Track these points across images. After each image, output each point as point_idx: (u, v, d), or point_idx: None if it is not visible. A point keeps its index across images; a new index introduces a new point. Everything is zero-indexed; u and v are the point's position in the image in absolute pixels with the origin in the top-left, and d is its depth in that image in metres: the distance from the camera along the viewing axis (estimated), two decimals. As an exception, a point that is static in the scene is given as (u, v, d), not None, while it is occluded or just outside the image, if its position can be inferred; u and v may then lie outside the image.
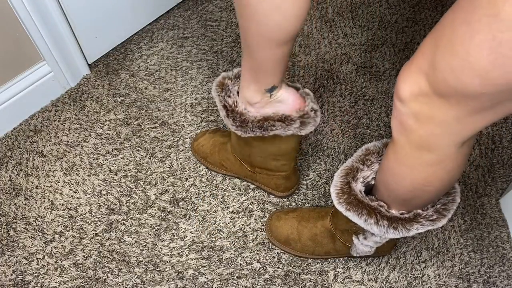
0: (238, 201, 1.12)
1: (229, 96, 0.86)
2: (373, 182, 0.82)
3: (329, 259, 1.05)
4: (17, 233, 1.07)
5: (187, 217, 1.10)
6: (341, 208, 0.80)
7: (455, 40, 0.50)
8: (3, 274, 1.02)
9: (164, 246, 1.06)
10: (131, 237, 1.07)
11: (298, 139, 0.94)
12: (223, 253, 1.06)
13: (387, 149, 0.72)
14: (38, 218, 1.09)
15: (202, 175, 1.15)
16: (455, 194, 0.79)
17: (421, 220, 0.77)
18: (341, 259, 1.05)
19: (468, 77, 0.50)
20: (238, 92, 0.86)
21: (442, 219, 0.78)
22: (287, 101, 0.84)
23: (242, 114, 0.84)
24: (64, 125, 1.22)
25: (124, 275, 1.03)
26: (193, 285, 1.02)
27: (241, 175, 1.12)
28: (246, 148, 1.00)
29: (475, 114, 0.54)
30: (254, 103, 0.83)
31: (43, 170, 1.15)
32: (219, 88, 0.87)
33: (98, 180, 1.14)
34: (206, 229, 1.08)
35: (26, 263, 1.04)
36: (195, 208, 1.11)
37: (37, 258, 1.04)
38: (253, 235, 1.08)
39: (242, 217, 1.10)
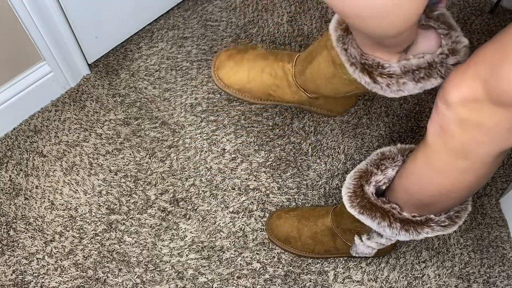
0: (238, 201, 1.12)
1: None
2: (383, 187, 0.81)
3: (329, 259, 1.05)
4: (17, 233, 1.07)
5: (187, 217, 1.10)
6: (354, 211, 0.80)
7: None
8: (3, 274, 1.02)
9: (164, 246, 1.06)
10: (131, 237, 1.07)
11: None
12: (223, 253, 1.06)
13: (416, 154, 0.70)
14: (38, 218, 1.09)
15: (202, 175, 1.15)
16: (467, 202, 0.79)
17: (432, 224, 0.76)
18: (341, 259, 1.05)
19: None
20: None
21: (452, 226, 0.77)
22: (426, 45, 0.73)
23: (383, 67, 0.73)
24: (64, 125, 1.22)
25: (124, 275, 1.03)
26: (193, 285, 1.02)
27: (292, 102, 0.95)
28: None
29: None
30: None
31: (43, 170, 1.15)
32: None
33: (98, 180, 1.14)
34: (206, 229, 1.09)
35: (26, 263, 1.04)
36: (195, 208, 1.11)
37: (37, 258, 1.04)
38: (253, 235, 1.08)
39: (242, 217, 1.10)
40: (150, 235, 1.08)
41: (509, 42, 0.51)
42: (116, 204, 1.11)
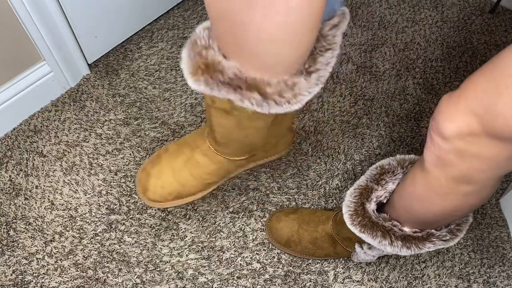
0: (238, 201, 1.12)
1: None
2: (385, 201, 0.80)
3: (329, 259, 1.05)
4: (17, 233, 1.07)
5: (187, 217, 1.10)
6: (354, 229, 0.79)
7: None
8: (3, 274, 1.02)
9: (164, 246, 1.06)
10: (131, 237, 1.07)
11: None
12: (223, 253, 1.06)
13: (414, 176, 0.68)
14: (38, 218, 1.09)
15: (202, 175, 1.15)
16: (469, 214, 0.79)
17: (434, 239, 0.76)
18: (341, 259, 1.05)
19: None
20: None
21: (454, 239, 0.77)
22: None
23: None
24: (64, 125, 1.22)
25: (124, 275, 1.03)
26: (193, 285, 1.02)
27: (235, 171, 0.91)
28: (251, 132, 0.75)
29: None
30: None
31: (43, 170, 1.15)
32: None
33: (98, 180, 1.14)
34: (206, 229, 1.09)
35: (26, 263, 1.04)
36: (195, 208, 1.11)
37: (37, 258, 1.04)
38: (253, 235, 1.08)
39: (242, 217, 1.10)
40: (150, 235, 1.08)
41: (500, 75, 0.49)
42: (116, 204, 1.11)
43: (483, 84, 0.50)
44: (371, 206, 0.78)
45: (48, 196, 1.12)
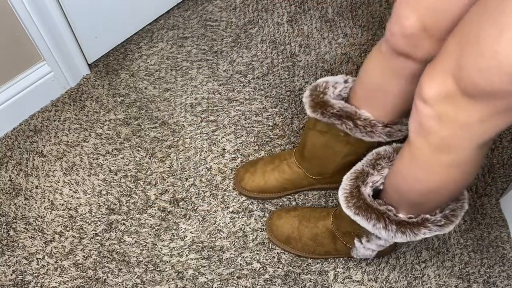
0: (238, 201, 1.12)
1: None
2: (381, 187, 0.81)
3: (329, 259, 1.05)
4: (17, 233, 1.07)
5: (187, 217, 1.10)
6: (349, 212, 0.80)
7: (482, 40, 0.49)
8: (3, 274, 1.02)
9: (164, 246, 1.06)
10: (131, 237, 1.07)
11: None
12: (223, 253, 1.06)
13: (402, 152, 0.70)
14: (38, 218, 1.09)
15: (202, 175, 1.15)
16: (463, 200, 0.79)
17: (429, 225, 0.76)
18: (341, 259, 1.05)
19: (497, 76, 0.49)
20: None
21: (449, 225, 0.77)
22: None
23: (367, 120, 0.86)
24: (64, 125, 1.22)
25: (124, 275, 1.03)
26: (193, 285, 1.02)
27: (306, 186, 1.10)
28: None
29: (500, 114, 0.54)
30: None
31: (43, 170, 1.15)
32: None
33: (98, 180, 1.14)
34: (206, 229, 1.08)
35: (26, 263, 1.04)
36: (195, 208, 1.11)
37: (37, 258, 1.04)
38: (253, 235, 1.08)
39: (242, 217, 1.10)
40: (150, 235, 1.08)
41: (465, 31, 0.52)
42: (116, 204, 1.11)
43: (452, 45, 0.54)
44: (367, 190, 0.79)
45: (48, 196, 1.12)
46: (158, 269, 1.04)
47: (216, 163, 1.17)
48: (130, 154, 1.18)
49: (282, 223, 1.04)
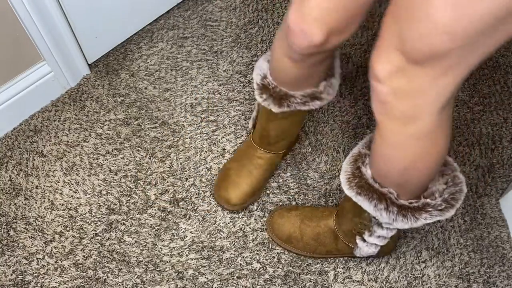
0: (238, 201, 1.12)
1: None
2: None
3: (329, 259, 1.05)
4: (17, 233, 1.07)
5: (187, 217, 1.10)
6: (351, 192, 0.80)
7: (415, 8, 0.52)
8: (3, 274, 1.02)
9: (164, 246, 1.06)
10: (131, 237, 1.07)
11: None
12: (223, 253, 1.06)
13: (374, 136, 0.73)
14: (38, 218, 1.09)
15: (202, 175, 1.15)
16: (461, 184, 0.80)
17: (429, 209, 0.77)
18: (341, 259, 1.05)
19: (437, 37, 0.52)
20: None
21: (450, 209, 0.78)
22: None
23: None
24: (64, 125, 1.22)
25: (124, 275, 1.03)
26: (193, 285, 1.02)
27: (278, 163, 1.15)
28: None
29: (447, 73, 0.57)
30: None
31: (43, 170, 1.15)
32: None
33: (98, 180, 1.15)
34: (206, 229, 1.09)
35: (26, 263, 1.04)
36: (195, 208, 1.11)
37: (37, 258, 1.04)
38: (253, 235, 1.08)
39: (242, 217, 1.10)
40: (150, 235, 1.08)
41: (397, 5, 0.56)
42: (116, 204, 1.11)
43: (390, 24, 0.58)
44: (368, 171, 0.80)
45: (48, 196, 1.12)
46: (158, 269, 1.04)
47: (216, 163, 1.17)
48: (130, 154, 1.18)
49: (284, 221, 1.04)
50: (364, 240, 0.92)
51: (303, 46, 0.72)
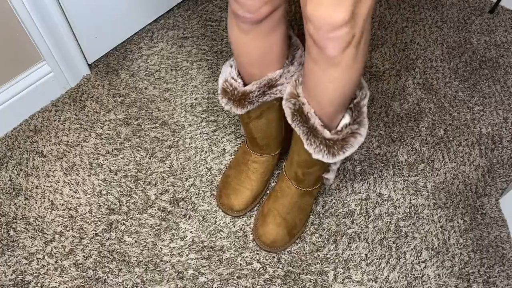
0: (238, 201, 1.12)
1: None
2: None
3: (329, 259, 1.05)
4: (17, 233, 1.07)
5: (187, 217, 1.10)
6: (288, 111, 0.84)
7: None
8: (3, 274, 1.03)
9: (164, 246, 1.06)
10: (131, 237, 1.07)
11: None
12: (223, 253, 1.06)
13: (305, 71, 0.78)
14: (38, 218, 1.09)
15: (202, 175, 1.15)
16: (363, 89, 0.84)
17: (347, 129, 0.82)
18: (341, 259, 1.05)
19: None
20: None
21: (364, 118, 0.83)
22: None
23: None
24: (64, 125, 1.22)
25: (124, 275, 1.03)
26: (193, 285, 1.02)
27: (276, 164, 1.15)
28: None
29: None
30: None
31: (43, 170, 1.15)
32: None
33: (98, 180, 1.15)
34: (206, 229, 1.09)
35: (26, 263, 1.04)
36: (195, 208, 1.11)
37: (37, 258, 1.04)
38: (253, 235, 1.08)
39: (242, 217, 1.10)
40: (150, 235, 1.08)
41: None
42: (116, 204, 1.11)
43: None
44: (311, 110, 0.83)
45: (48, 196, 1.12)
46: (158, 269, 1.04)
47: (216, 163, 1.17)
48: (130, 154, 1.18)
49: (269, 229, 1.04)
50: (329, 171, 0.98)
51: (241, 12, 0.76)
